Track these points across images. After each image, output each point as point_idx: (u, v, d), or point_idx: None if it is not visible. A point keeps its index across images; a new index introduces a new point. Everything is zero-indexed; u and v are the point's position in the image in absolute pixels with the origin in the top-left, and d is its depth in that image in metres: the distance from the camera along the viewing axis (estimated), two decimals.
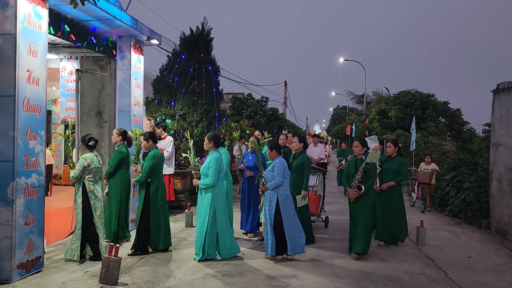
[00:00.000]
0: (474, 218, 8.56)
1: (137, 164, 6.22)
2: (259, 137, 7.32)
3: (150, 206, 5.85)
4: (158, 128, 8.32)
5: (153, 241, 5.93)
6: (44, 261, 5.22)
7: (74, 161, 6.04)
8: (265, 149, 6.48)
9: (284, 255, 5.79)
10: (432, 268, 5.57)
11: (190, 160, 5.98)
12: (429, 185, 9.95)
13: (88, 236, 5.46)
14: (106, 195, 6.32)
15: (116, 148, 6.49)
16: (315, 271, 5.31)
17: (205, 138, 5.92)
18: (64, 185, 12.00)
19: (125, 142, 6.45)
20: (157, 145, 6.19)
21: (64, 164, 12.51)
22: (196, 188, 5.84)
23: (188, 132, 7.34)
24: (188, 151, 5.95)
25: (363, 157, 6.16)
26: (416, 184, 10.50)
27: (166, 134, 8.35)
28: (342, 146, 18.61)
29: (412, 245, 6.80)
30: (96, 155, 5.68)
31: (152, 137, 6.07)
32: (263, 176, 5.90)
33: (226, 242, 5.73)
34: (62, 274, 5.01)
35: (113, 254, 4.68)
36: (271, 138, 6.90)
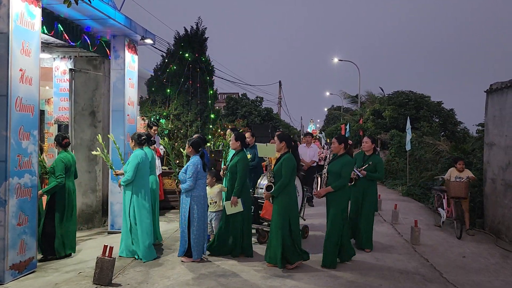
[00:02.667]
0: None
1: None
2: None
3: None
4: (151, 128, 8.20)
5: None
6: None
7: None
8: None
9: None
10: (427, 268, 5.59)
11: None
12: (465, 199, 7.63)
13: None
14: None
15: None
16: (310, 272, 5.30)
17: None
18: None
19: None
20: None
21: None
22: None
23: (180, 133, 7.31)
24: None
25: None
26: (445, 197, 8.07)
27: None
28: None
29: (406, 245, 6.81)
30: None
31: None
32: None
33: (144, 243, 5.67)
34: (55, 275, 4.97)
35: (106, 254, 4.66)
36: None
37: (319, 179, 5.99)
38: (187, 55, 10.56)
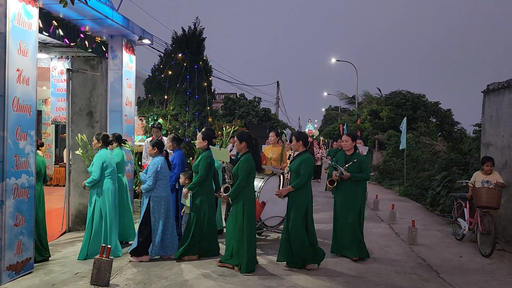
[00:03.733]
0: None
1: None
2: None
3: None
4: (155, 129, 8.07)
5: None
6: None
7: (65, 161, 6.00)
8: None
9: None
10: (424, 268, 5.61)
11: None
12: (495, 209, 6.48)
13: None
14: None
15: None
16: (307, 271, 5.31)
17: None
18: (55, 185, 11.89)
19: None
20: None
21: (55, 164, 12.41)
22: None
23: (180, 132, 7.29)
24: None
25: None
26: (467, 206, 7.00)
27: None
28: (334, 146, 18.67)
29: (403, 244, 6.83)
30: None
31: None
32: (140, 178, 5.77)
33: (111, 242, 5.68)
34: (52, 276, 4.96)
35: (104, 255, 4.65)
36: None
37: (281, 178, 5.96)
38: (185, 55, 10.55)
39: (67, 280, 4.81)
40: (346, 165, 5.86)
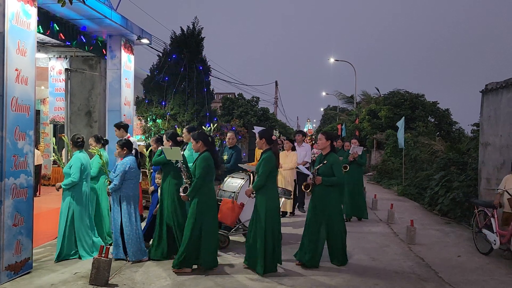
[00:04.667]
0: (463, 217, 8.66)
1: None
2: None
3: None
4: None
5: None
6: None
7: (64, 161, 5.98)
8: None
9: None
10: (422, 267, 5.62)
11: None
12: None
13: None
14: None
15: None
16: (306, 271, 5.31)
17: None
18: (53, 185, 11.84)
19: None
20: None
21: (53, 164, 12.39)
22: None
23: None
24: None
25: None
26: (496, 216, 5.99)
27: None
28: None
29: (402, 244, 6.84)
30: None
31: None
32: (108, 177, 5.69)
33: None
34: (51, 276, 4.95)
35: (103, 255, 4.65)
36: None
37: (251, 176, 5.89)
38: (183, 55, 10.55)
39: (66, 280, 4.80)
40: (317, 167, 5.45)
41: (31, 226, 5.06)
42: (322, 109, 56.31)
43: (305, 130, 44.53)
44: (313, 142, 20.80)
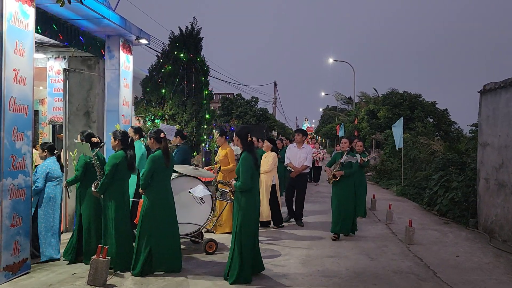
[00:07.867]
0: (462, 217, 8.67)
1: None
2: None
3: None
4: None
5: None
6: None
7: (62, 161, 5.96)
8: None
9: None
10: (421, 267, 5.62)
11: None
12: None
13: None
14: None
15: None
16: (305, 271, 5.32)
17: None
18: None
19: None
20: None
21: None
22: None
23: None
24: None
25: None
26: None
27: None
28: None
29: (401, 244, 6.84)
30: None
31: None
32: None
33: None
34: (49, 276, 4.95)
35: (101, 255, 4.64)
36: None
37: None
38: (182, 55, 10.54)
39: (64, 281, 4.80)
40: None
41: (29, 226, 5.05)
42: (321, 109, 56.38)
43: (304, 128, 44.36)
44: (317, 143, 20.60)
